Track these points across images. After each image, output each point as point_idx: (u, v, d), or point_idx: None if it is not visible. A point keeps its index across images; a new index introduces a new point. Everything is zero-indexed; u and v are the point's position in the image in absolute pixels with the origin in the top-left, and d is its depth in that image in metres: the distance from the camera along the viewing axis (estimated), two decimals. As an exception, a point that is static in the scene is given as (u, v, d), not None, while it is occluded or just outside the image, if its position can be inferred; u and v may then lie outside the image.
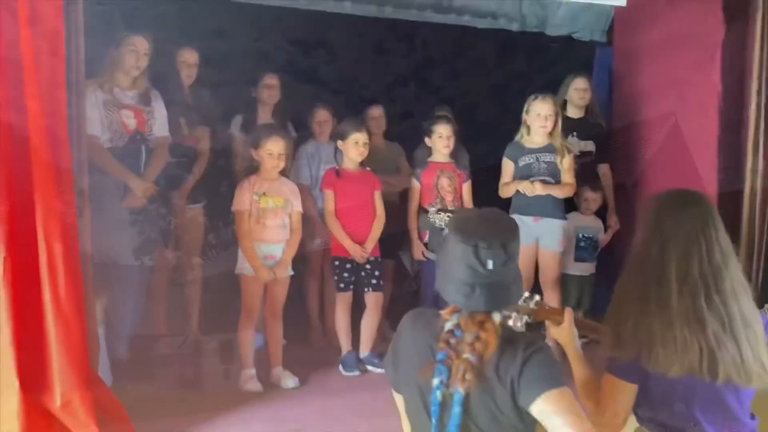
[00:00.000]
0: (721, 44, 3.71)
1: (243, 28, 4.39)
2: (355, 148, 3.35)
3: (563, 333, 1.85)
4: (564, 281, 3.96)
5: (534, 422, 1.50)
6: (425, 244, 3.69)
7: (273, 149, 3.04)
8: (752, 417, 1.80)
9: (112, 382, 2.83)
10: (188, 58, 3.59)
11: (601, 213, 4.19)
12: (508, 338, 1.50)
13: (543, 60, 5.53)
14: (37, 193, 2.02)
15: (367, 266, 3.44)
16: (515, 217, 3.71)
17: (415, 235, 3.72)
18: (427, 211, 3.67)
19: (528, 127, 3.74)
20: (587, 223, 4.09)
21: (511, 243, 1.49)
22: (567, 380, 1.49)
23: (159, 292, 3.51)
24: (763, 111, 3.49)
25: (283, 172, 3.19)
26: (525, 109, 3.76)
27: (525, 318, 1.86)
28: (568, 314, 1.85)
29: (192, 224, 3.60)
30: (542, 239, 3.69)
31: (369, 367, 3.44)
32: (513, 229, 1.53)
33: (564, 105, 4.26)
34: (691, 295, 1.66)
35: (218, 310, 3.62)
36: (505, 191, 3.77)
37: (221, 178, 3.66)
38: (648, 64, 4.28)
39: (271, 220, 3.08)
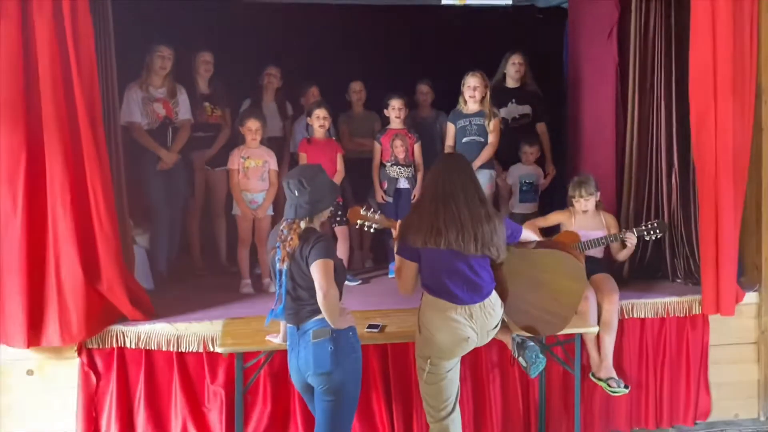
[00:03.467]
0: (617, 22, 4.58)
1: (253, 26, 5.53)
2: (317, 121, 4.55)
3: (396, 234, 3.07)
4: (513, 219, 5.00)
5: None
6: (384, 191, 4.87)
7: (251, 126, 4.35)
8: (492, 281, 2.95)
9: (153, 286, 4.30)
10: (206, 58, 4.89)
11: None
12: (308, 235, 2.72)
13: (532, 31, 6.27)
14: (86, 158, 3.40)
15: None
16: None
17: (377, 183, 4.87)
18: (385, 166, 4.87)
19: (464, 97, 4.80)
20: (528, 171, 5.07)
21: (309, 181, 2.70)
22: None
23: (193, 229, 4.95)
24: (637, 85, 4.32)
25: (262, 141, 4.47)
26: (462, 82, 4.81)
27: (374, 225, 3.11)
28: (397, 223, 3.06)
29: (218, 182, 4.95)
30: (475, 184, 4.77)
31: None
32: (312, 174, 2.75)
33: (504, 77, 5.25)
34: (442, 205, 2.86)
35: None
36: (448, 151, 4.84)
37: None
38: (580, 35, 5.16)
39: (253, 175, 4.37)
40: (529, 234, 3.19)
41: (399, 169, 4.82)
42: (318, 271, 2.63)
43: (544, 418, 3.82)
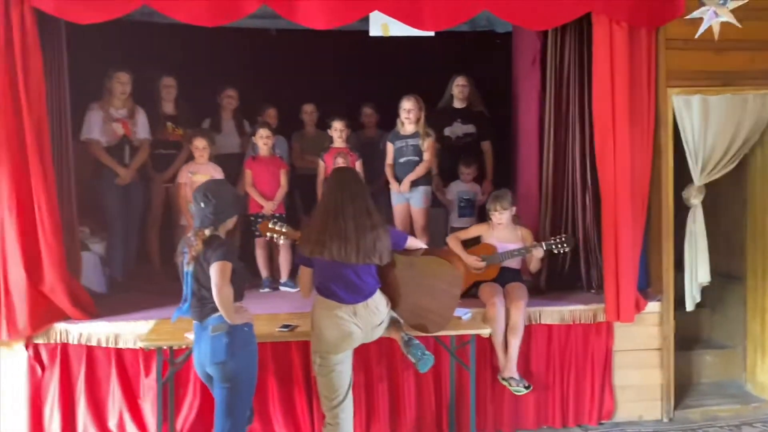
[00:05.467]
0: (540, 51, 4.95)
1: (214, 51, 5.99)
2: (261, 140, 4.98)
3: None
4: (452, 232, 5.34)
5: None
6: (329, 205, 5.25)
7: (198, 144, 4.79)
8: (376, 283, 3.30)
9: (106, 289, 4.71)
10: (167, 83, 5.35)
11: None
12: (211, 241, 3.10)
13: (492, 56, 6.63)
14: (32, 175, 3.82)
15: (275, 219, 5.04)
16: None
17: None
18: (330, 182, 5.25)
19: (401, 119, 5.18)
20: (465, 188, 5.44)
21: (213, 193, 3.09)
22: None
23: (152, 239, 5.36)
24: (553, 110, 4.66)
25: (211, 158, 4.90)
26: (399, 105, 5.19)
27: (282, 238, 3.49)
28: (298, 233, 3.44)
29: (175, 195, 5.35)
30: (412, 200, 5.13)
31: (284, 288, 5.06)
32: (216, 188, 3.14)
33: (452, 98, 5.63)
34: (332, 218, 3.23)
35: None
36: (388, 172, 5.20)
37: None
38: (518, 62, 5.53)
39: (200, 189, 4.78)
40: (415, 242, 3.56)
41: (341, 185, 5.19)
42: (215, 271, 3.01)
43: (453, 415, 4.14)
